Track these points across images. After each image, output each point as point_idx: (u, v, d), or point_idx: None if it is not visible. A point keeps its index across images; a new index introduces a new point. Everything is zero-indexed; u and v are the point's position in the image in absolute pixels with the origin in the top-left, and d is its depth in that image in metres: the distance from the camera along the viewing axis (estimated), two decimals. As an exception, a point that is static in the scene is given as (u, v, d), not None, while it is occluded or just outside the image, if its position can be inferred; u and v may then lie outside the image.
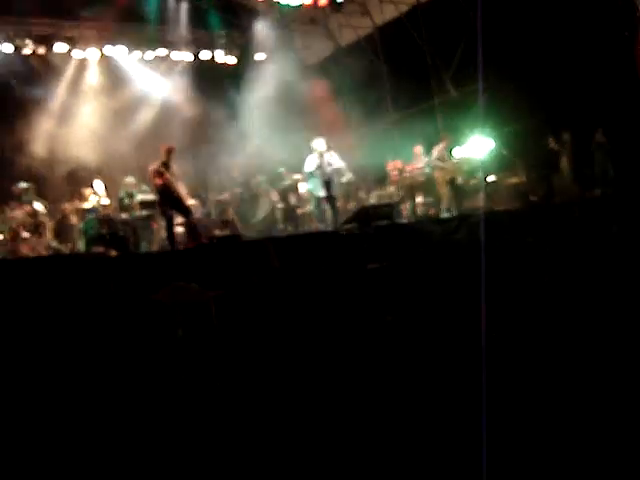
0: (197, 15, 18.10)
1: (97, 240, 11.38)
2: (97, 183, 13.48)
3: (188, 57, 18.52)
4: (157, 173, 11.07)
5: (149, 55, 17.94)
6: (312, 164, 12.42)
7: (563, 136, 14.34)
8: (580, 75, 13.43)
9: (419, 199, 15.31)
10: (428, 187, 15.18)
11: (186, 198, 11.46)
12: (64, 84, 16.89)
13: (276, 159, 15.76)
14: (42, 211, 12.58)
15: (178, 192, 11.16)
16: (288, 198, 15.36)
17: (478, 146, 15.14)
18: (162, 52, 18.04)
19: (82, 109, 16.72)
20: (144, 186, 13.05)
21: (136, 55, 17.73)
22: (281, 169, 15.63)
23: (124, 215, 12.45)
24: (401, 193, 15.56)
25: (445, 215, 13.21)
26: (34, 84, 16.18)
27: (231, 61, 19.12)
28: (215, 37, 18.72)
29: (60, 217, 13.52)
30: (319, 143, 12.49)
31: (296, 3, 17.36)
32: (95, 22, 16.43)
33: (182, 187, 11.48)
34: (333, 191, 12.51)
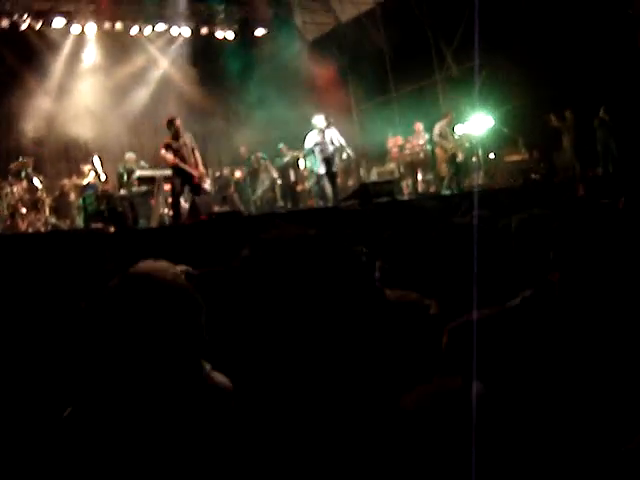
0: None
1: (95, 216, 11.32)
2: (95, 159, 13.40)
3: (187, 32, 18.33)
4: (166, 147, 10.79)
5: (148, 30, 17.75)
6: (312, 141, 12.33)
7: (565, 114, 14.24)
8: (583, 52, 13.29)
9: (420, 176, 15.26)
10: (429, 164, 15.13)
11: (201, 174, 11.17)
12: (62, 60, 16.70)
13: (276, 135, 15.66)
14: (40, 187, 12.51)
15: (190, 168, 10.91)
16: (288, 175, 15.28)
17: (479, 123, 15.05)
18: (161, 27, 17.84)
19: (80, 85, 16.52)
20: (143, 162, 12.97)
21: (135, 30, 17.55)
22: (281, 145, 15.52)
23: (123, 191, 12.37)
24: (402, 170, 15.49)
25: (446, 192, 13.14)
26: (31, 60, 16.01)
27: (230, 36, 18.94)
28: (214, 12, 18.50)
29: (58, 193, 13.47)
30: (319, 120, 12.40)
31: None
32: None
33: (197, 157, 11.12)
34: (333, 168, 12.43)
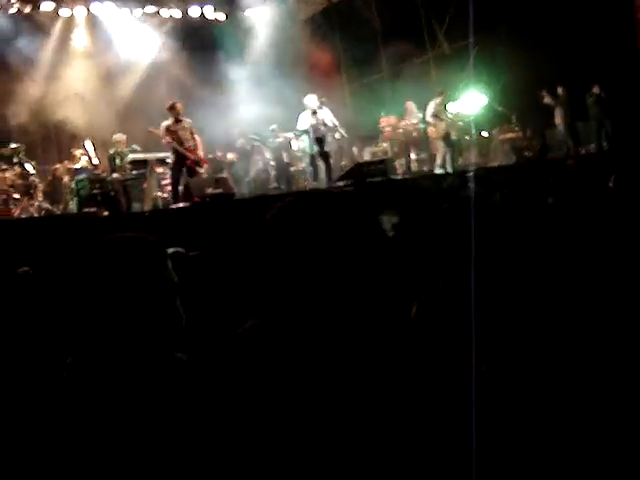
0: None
1: (89, 200, 11.29)
2: (87, 144, 13.33)
3: (177, 14, 18.17)
4: (166, 131, 11.21)
5: (137, 12, 17.60)
6: (305, 121, 12.30)
7: (558, 90, 14.20)
8: (576, 28, 13.24)
9: (413, 155, 15.24)
10: (422, 143, 15.10)
11: (198, 157, 11.47)
12: (51, 44, 16.56)
13: (268, 116, 15.58)
14: (33, 172, 12.45)
15: (188, 152, 11.24)
16: (281, 156, 15.22)
17: (472, 102, 15.02)
18: (151, 9, 17.68)
19: (70, 69, 16.42)
20: (135, 145, 12.91)
21: (124, 12, 17.40)
22: (273, 126, 15.45)
23: (115, 175, 12.32)
24: (395, 149, 15.47)
25: (439, 171, 13.14)
26: (20, 44, 15.87)
27: (221, 17, 18.79)
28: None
29: (51, 178, 13.41)
30: (311, 100, 12.36)
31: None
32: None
33: (198, 141, 11.58)
34: (325, 148, 12.41)
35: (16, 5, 15.59)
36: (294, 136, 14.36)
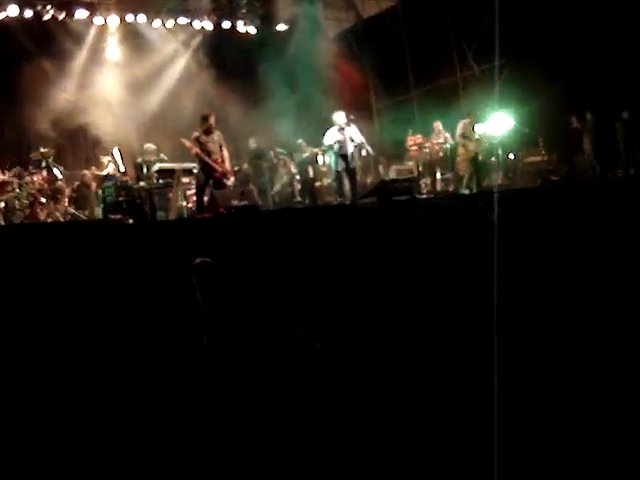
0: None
1: (114, 207, 11.39)
2: (115, 151, 13.47)
3: (209, 26, 18.35)
4: (194, 141, 11.23)
5: (170, 24, 17.81)
6: (332, 137, 12.32)
7: (586, 115, 14.15)
8: (604, 53, 13.20)
9: (438, 175, 15.23)
10: (447, 163, 15.09)
11: (225, 170, 11.51)
12: (83, 51, 16.79)
13: (295, 131, 15.64)
14: (60, 177, 12.59)
15: (215, 163, 11.26)
16: (307, 171, 15.26)
17: (499, 123, 14.97)
18: (183, 21, 17.90)
19: (101, 77, 16.63)
20: (162, 154, 13.00)
21: (157, 23, 17.62)
22: (300, 141, 15.51)
23: (142, 183, 12.42)
24: (420, 168, 15.46)
25: (465, 192, 13.09)
26: (53, 51, 16.11)
27: (252, 31, 18.96)
28: (236, 6, 18.51)
29: (78, 184, 13.54)
30: (340, 116, 12.39)
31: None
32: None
33: (225, 155, 11.56)
34: (351, 165, 12.42)
35: (51, 12, 15.83)
36: (320, 151, 14.40)
